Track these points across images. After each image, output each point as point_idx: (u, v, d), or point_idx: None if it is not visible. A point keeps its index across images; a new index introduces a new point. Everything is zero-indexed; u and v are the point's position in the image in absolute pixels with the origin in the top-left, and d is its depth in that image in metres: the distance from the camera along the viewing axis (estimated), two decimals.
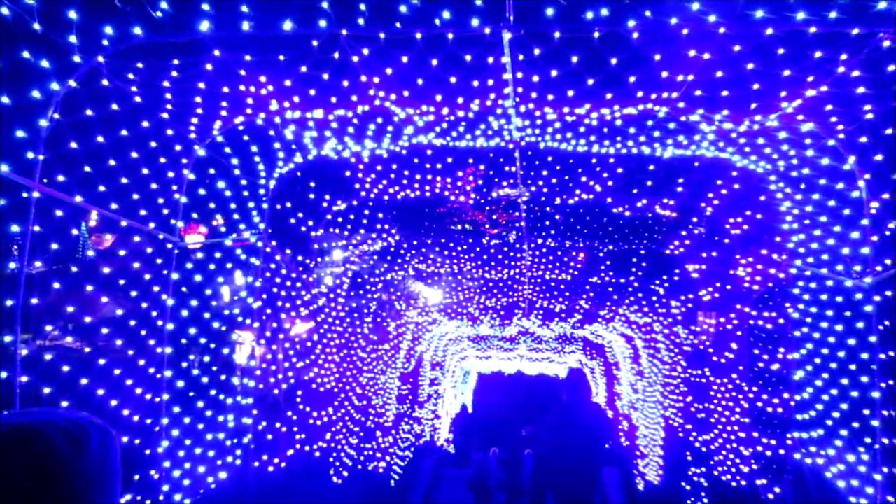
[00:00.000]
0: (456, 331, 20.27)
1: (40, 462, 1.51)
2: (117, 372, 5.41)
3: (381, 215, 10.45)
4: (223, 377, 7.35)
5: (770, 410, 8.38)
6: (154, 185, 5.59)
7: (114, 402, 5.41)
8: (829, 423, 6.70)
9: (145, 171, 5.39)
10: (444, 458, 21.50)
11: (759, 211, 8.10)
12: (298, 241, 9.15)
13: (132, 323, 5.62)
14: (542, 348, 24.02)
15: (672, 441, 13.62)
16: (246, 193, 7.22)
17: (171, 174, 5.81)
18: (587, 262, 12.39)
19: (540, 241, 11.43)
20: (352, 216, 10.14)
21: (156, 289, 5.93)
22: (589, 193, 9.11)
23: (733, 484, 9.76)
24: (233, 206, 7.06)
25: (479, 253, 12.22)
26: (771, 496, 8.38)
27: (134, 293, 5.59)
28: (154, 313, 5.95)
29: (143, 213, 5.57)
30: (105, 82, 4.66)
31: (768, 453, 8.51)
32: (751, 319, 8.97)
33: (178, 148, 5.79)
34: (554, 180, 8.87)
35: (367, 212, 10.25)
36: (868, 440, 5.96)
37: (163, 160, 5.62)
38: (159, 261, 5.92)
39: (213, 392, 7.10)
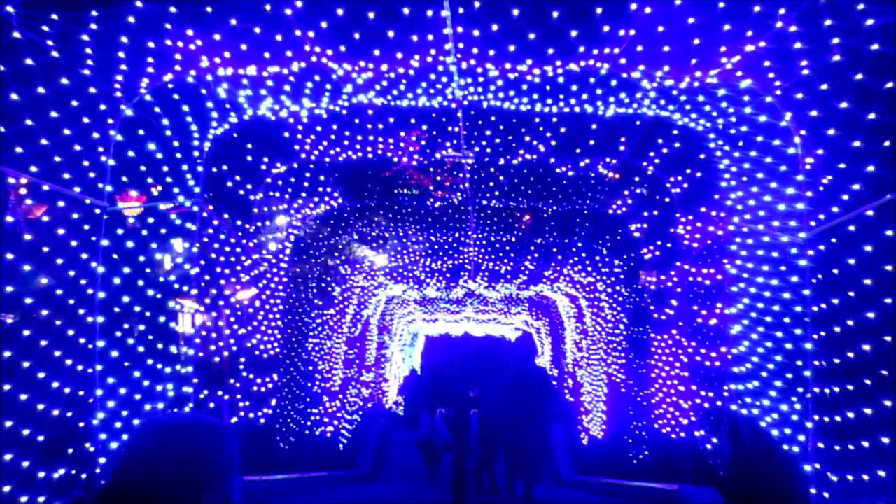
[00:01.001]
0: (402, 294, 20.24)
1: (197, 449, 2.00)
2: (44, 343, 5.15)
3: (322, 178, 10.23)
4: (160, 346, 7.12)
5: (708, 364, 8.60)
6: (77, 147, 5.28)
7: (41, 375, 5.17)
8: (763, 374, 6.90)
9: (67, 131, 5.08)
10: (393, 421, 21.61)
11: (699, 169, 8.20)
12: (237, 205, 8.88)
13: (59, 292, 5.35)
14: (489, 310, 24.22)
15: (615, 396, 13.96)
16: (179, 156, 6.92)
17: (96, 135, 5.50)
18: (532, 224, 12.44)
19: (484, 202, 11.39)
20: (292, 179, 9.89)
21: (84, 256, 5.65)
22: (532, 154, 9.08)
23: (673, 436, 10.04)
24: (165, 168, 6.76)
25: (424, 215, 12.12)
26: (708, 446, 8.66)
27: (60, 261, 5.31)
28: (83, 281, 5.68)
29: (66, 176, 5.26)
30: (16, 35, 4.34)
31: (706, 405, 8.76)
32: (690, 276, 9.15)
33: (102, 107, 5.48)
34: (497, 140, 8.79)
35: (308, 174, 10.01)
36: (801, 390, 6.16)
37: (86, 120, 5.30)
38: (87, 227, 5.64)
39: (150, 361, 6.88)
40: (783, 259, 6.36)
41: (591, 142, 8.34)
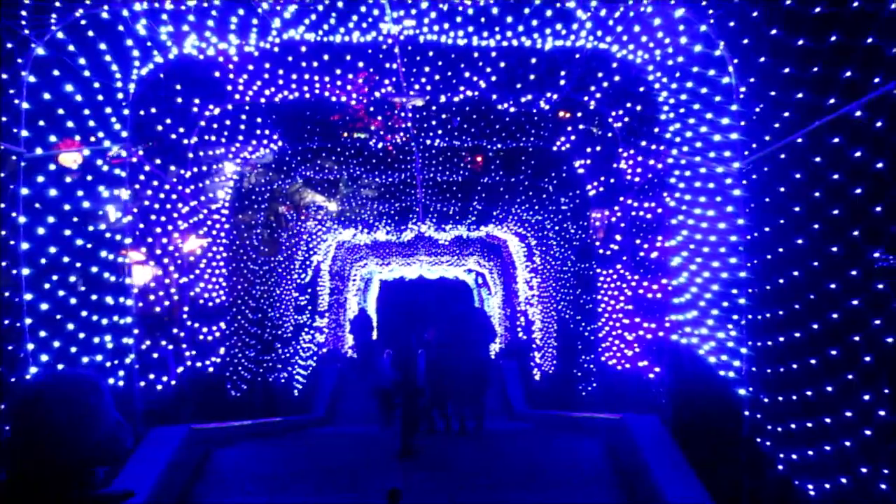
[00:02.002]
0: (353, 239, 20.09)
1: (79, 406, 2.05)
2: None
3: (259, 120, 9.92)
4: (95, 297, 6.91)
5: (650, 297, 8.76)
6: None
7: None
8: (702, 304, 7.06)
9: None
10: (350, 365, 21.70)
11: (640, 103, 8.18)
12: (170, 150, 8.57)
13: None
14: (441, 252, 24.26)
15: (564, 332, 14.21)
16: (101, 98, 6.58)
17: (3, 76, 5.17)
18: (477, 163, 12.35)
19: (428, 142, 11.23)
20: (228, 122, 9.57)
21: (0, 205, 5.38)
22: (473, 90, 8.92)
23: (619, 367, 10.29)
24: (86, 112, 6.43)
25: (368, 157, 11.92)
26: (651, 376, 8.89)
27: None
28: (2, 232, 5.43)
29: None
30: None
31: (649, 336, 8.96)
32: (633, 211, 9.22)
33: (8, 45, 5.14)
34: (437, 77, 8.61)
35: (244, 117, 9.69)
36: (736, 317, 6.31)
37: None
38: (1, 174, 5.35)
39: (84, 313, 6.68)
40: (719, 190, 6.43)
41: (532, 76, 8.22)
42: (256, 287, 12.74)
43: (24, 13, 5.08)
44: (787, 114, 5.07)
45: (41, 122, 5.88)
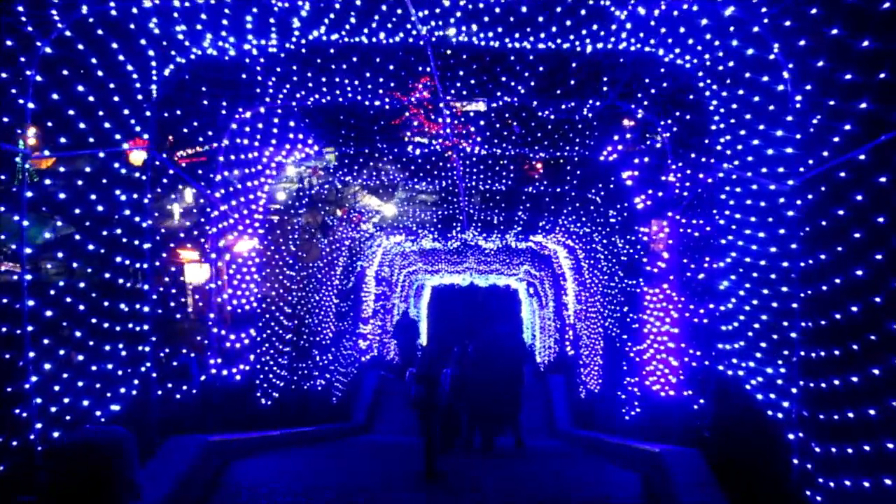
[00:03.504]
0: (399, 246, 19.80)
1: (102, 469, 2.48)
2: None
3: (292, 124, 9.66)
4: (107, 303, 6.70)
5: (696, 321, 8.11)
6: None
7: None
8: (750, 334, 6.41)
9: None
10: (393, 371, 21.39)
11: (690, 111, 7.56)
12: (198, 153, 8.36)
13: None
14: (489, 260, 23.77)
15: (610, 351, 13.56)
16: (117, 99, 6.38)
17: (3, 74, 4.97)
18: (520, 172, 11.84)
19: (468, 149, 10.80)
20: (260, 125, 9.33)
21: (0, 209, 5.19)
22: (511, 96, 8.45)
23: (662, 394, 9.63)
24: (101, 113, 6.23)
25: (407, 163, 11.56)
26: (696, 407, 8.22)
27: None
28: (1, 237, 5.23)
29: None
30: None
31: (694, 364, 8.30)
32: (681, 227, 8.58)
33: (8, 43, 4.94)
34: (472, 81, 8.18)
35: (276, 120, 9.44)
36: (787, 353, 5.66)
37: None
38: (1, 176, 5.16)
39: (93, 320, 6.47)
40: (771, 209, 5.79)
41: (573, 82, 7.70)
42: (292, 293, 12.50)
43: (20, 9, 4.88)
44: (847, 126, 4.44)
45: (49, 123, 5.68)
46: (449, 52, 7.71)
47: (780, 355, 5.76)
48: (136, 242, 7.17)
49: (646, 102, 8.12)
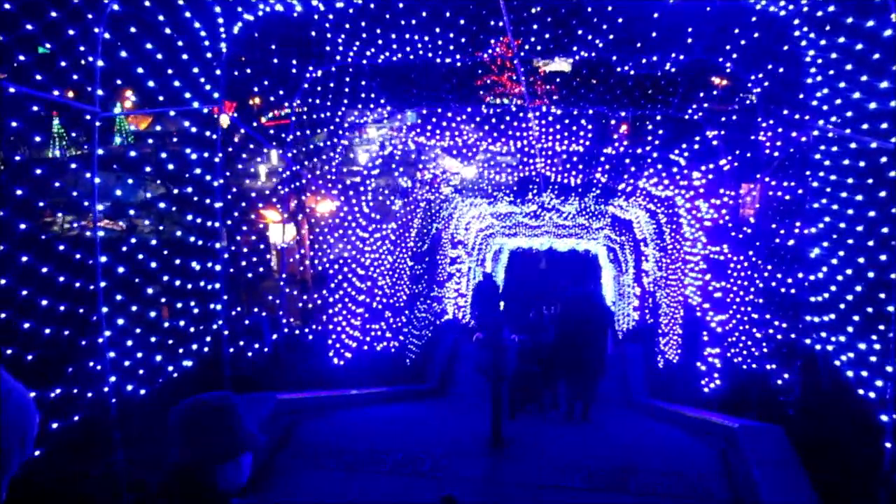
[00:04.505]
0: (474, 208, 19.57)
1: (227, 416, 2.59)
2: (24, 259, 4.85)
3: (364, 83, 9.52)
4: (178, 262, 6.82)
5: (783, 291, 7.59)
6: (47, 46, 4.81)
7: (25, 292, 4.89)
8: (842, 306, 5.91)
9: (28, 26, 4.59)
10: (467, 334, 21.34)
11: (782, 64, 6.97)
12: (266, 104, 8.35)
13: (40, 204, 5.00)
14: (569, 224, 23.21)
15: (690, 320, 13.02)
16: (185, 57, 6.38)
17: (71, 32, 5.01)
18: (599, 131, 11.33)
19: (544, 108, 10.41)
20: (331, 84, 9.23)
21: (73, 165, 5.27)
22: (589, 51, 8.02)
23: (744, 367, 9.15)
24: (170, 71, 6.25)
25: (481, 123, 11.25)
26: (780, 382, 7.75)
27: (38, 171, 4.94)
28: (74, 193, 5.32)
29: (38, 77, 4.82)
30: None
31: (779, 336, 7.80)
32: (770, 190, 8.02)
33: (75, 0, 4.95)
34: (547, 36, 7.79)
35: (348, 79, 9.32)
36: (882, 328, 5.18)
37: (54, 14, 4.80)
38: (73, 134, 5.23)
39: (165, 278, 6.60)
40: (872, 170, 5.26)
41: (654, 34, 7.22)
42: (365, 254, 12.52)
43: None
44: None
45: (118, 81, 5.71)
46: (522, 4, 7.36)
47: (875, 330, 5.27)
48: (207, 201, 7.23)
49: (734, 55, 7.54)
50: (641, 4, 6.75)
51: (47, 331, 5.17)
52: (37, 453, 4.93)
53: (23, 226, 4.95)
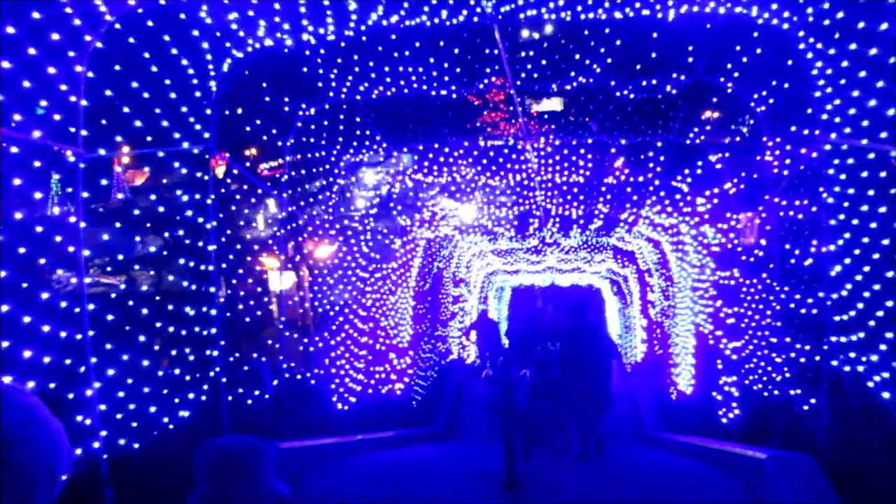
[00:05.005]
0: (475, 245, 19.33)
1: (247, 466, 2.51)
2: (4, 308, 4.56)
3: (358, 120, 9.35)
4: (171, 307, 6.53)
5: (803, 312, 7.29)
6: (27, 84, 4.60)
7: (4, 344, 4.59)
8: (871, 323, 5.61)
9: (6, 64, 4.39)
10: (472, 374, 20.90)
11: (788, 79, 6.79)
12: (263, 152, 8.15)
13: (21, 250, 4.73)
14: (571, 258, 22.97)
15: (703, 349, 12.67)
16: (173, 95, 6.19)
17: (51, 70, 4.80)
18: (599, 160, 11.14)
19: (542, 139, 10.24)
20: (325, 122, 9.06)
21: (55, 210, 5.01)
22: (588, 77, 7.86)
23: (765, 394, 8.80)
24: (158, 111, 6.05)
25: (478, 157, 11.07)
26: (805, 408, 7.39)
27: (19, 215, 4.68)
28: (58, 238, 5.06)
29: (17, 118, 4.60)
30: None
31: (802, 360, 7.47)
32: (780, 210, 7.77)
33: (55, 37, 4.76)
34: (544, 62, 7.64)
35: (342, 116, 9.16)
36: None
37: (32, 51, 4.60)
38: (56, 176, 4.99)
39: (158, 324, 6.30)
40: (893, 180, 5.02)
41: (654, 54, 7.06)
42: (366, 295, 12.22)
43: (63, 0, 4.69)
44: None
45: (102, 121, 5.50)
46: (517, 30, 7.21)
47: None
48: (200, 244, 6.97)
49: (736, 74, 7.38)
50: (640, 25, 6.58)
51: (31, 384, 4.84)
52: None
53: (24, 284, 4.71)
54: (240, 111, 7.35)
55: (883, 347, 5.39)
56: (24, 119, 4.67)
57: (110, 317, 5.67)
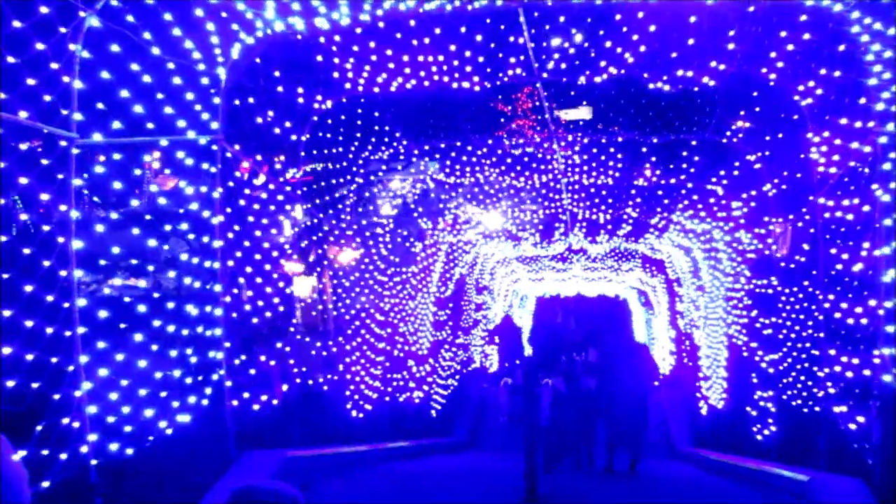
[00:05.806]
0: (499, 251, 18.85)
1: None
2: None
3: (377, 114, 8.97)
4: (171, 305, 6.16)
5: (851, 322, 6.71)
6: (11, 60, 4.27)
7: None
8: None
9: None
10: (495, 383, 20.37)
11: (838, 66, 6.25)
12: (275, 146, 7.78)
13: (2, 238, 4.37)
14: (598, 266, 22.39)
15: (736, 361, 12.07)
16: (178, 81, 5.83)
17: (40, 45, 4.47)
18: (629, 161, 10.61)
19: (570, 137, 9.77)
20: (343, 117, 8.69)
21: (44, 197, 4.66)
22: (619, 67, 7.38)
23: (805, 410, 8.21)
24: (160, 96, 5.70)
25: (502, 157, 10.61)
26: (853, 426, 6.80)
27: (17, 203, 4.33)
28: (45, 227, 4.71)
29: (1, 96, 4.25)
30: None
31: (849, 374, 6.89)
32: (826, 212, 7.21)
33: (44, 10, 4.42)
34: (572, 51, 7.18)
35: (360, 111, 8.79)
36: None
37: (17, 24, 4.26)
38: (45, 161, 4.65)
39: (156, 323, 5.93)
40: None
41: (690, 41, 6.57)
42: (384, 300, 11.80)
43: None
44: None
45: (99, 105, 5.16)
46: (537, 14, 6.77)
47: None
48: (205, 239, 6.61)
49: (780, 63, 6.85)
50: (677, 8, 6.11)
51: (10, 383, 4.49)
52: None
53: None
54: (251, 101, 6.98)
55: None
56: (9, 98, 4.34)
57: (103, 314, 5.31)
